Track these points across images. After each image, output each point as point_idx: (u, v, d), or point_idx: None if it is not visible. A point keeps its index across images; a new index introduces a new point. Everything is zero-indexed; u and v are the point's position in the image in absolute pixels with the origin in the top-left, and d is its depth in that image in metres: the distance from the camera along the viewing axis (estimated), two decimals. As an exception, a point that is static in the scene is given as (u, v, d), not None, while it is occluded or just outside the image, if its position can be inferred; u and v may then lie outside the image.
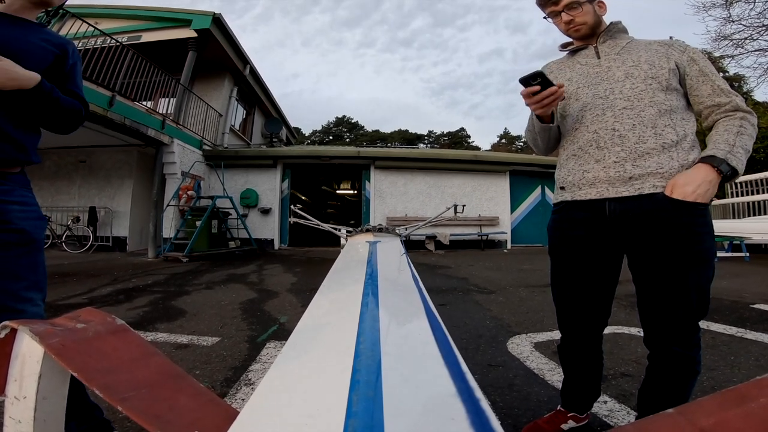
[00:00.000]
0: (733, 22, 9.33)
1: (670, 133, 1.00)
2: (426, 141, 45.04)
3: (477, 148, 37.25)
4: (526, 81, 1.01)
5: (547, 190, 10.12)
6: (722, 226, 6.94)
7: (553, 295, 1.26)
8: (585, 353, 1.23)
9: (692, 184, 0.93)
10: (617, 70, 1.07)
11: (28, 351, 0.49)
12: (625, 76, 1.05)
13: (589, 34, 1.16)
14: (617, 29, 1.16)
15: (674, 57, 1.04)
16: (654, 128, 1.00)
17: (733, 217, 8.26)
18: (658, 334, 1.04)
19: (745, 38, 9.46)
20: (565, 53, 1.27)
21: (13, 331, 0.51)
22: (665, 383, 1.06)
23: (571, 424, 1.27)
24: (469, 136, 45.97)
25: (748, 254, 6.65)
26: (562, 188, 1.17)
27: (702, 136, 1.01)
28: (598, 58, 1.13)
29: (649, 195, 0.98)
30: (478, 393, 0.37)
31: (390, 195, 9.48)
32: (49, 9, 1.12)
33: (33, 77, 0.94)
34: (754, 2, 8.94)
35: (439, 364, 0.44)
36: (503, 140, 44.80)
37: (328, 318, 0.65)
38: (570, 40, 1.25)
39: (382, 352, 0.43)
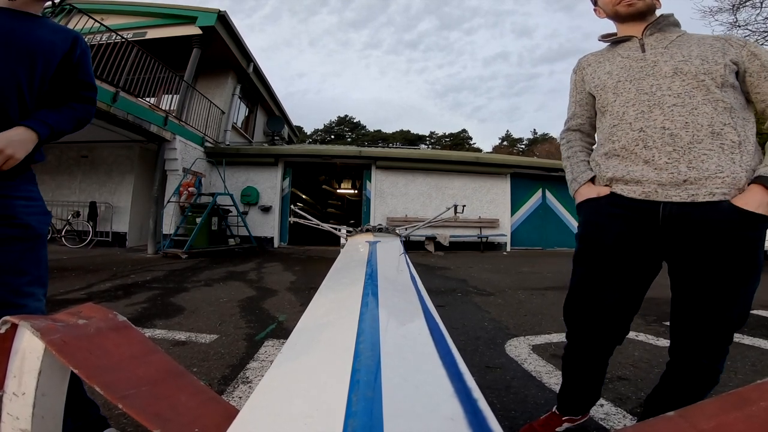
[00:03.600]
0: (740, 27, 9.32)
1: (730, 132, 0.89)
2: (427, 142, 45.02)
3: (478, 150, 37.26)
4: None
5: (548, 193, 10.13)
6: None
7: (574, 298, 1.12)
8: (594, 364, 1.13)
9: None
10: (665, 65, 0.96)
11: (29, 347, 0.49)
12: (674, 71, 0.95)
13: (642, 12, 1.04)
14: (668, 22, 1.04)
15: (732, 52, 0.94)
16: (711, 127, 0.89)
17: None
18: (691, 346, 0.96)
19: (751, 43, 9.44)
20: (605, 45, 1.16)
21: (14, 327, 0.51)
22: (684, 393, 1.01)
23: (566, 426, 1.27)
24: (470, 138, 45.96)
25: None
26: (606, 185, 1.06)
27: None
28: (643, 51, 1.02)
29: (713, 203, 0.88)
30: (477, 393, 0.37)
31: (391, 195, 9.48)
32: (55, 2, 1.12)
33: (27, 141, 0.94)
34: (761, 7, 8.94)
35: (437, 364, 0.44)
36: (505, 142, 44.80)
37: (328, 318, 0.65)
38: (610, 31, 1.15)
39: (382, 352, 0.44)
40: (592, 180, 1.10)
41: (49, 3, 1.11)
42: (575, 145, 1.20)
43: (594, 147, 1.16)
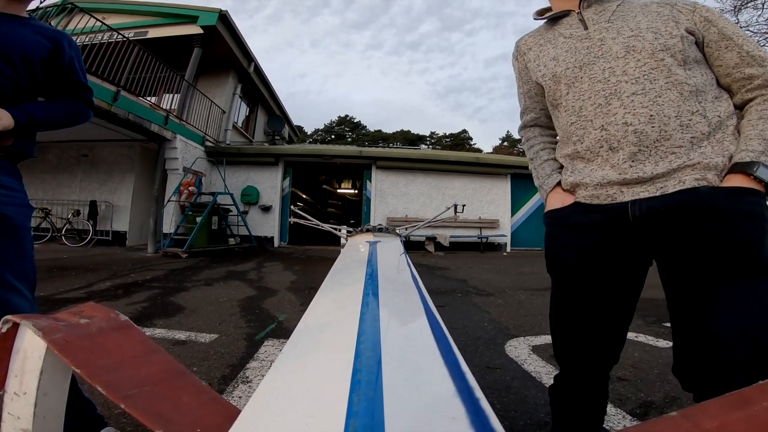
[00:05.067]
0: (741, 28, 9.34)
1: (699, 122, 0.77)
2: (428, 142, 45.01)
3: (479, 151, 37.27)
4: None
5: (548, 194, 10.12)
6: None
7: (555, 321, 0.97)
8: (590, 397, 0.95)
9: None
10: (613, 42, 0.83)
11: (30, 346, 0.49)
12: (626, 50, 0.82)
13: None
14: None
15: (683, 20, 0.81)
16: (679, 118, 0.77)
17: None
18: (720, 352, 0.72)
19: (753, 44, 9.48)
20: (541, 22, 1.02)
21: (15, 326, 0.51)
22: None
23: None
24: (471, 138, 45.97)
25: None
26: (566, 190, 0.94)
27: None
28: (585, 28, 0.89)
29: (687, 190, 0.75)
30: (478, 393, 0.37)
31: (391, 195, 9.48)
32: (39, 5, 1.14)
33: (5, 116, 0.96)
34: (763, 8, 8.95)
35: (439, 364, 0.44)
36: (505, 143, 44.76)
37: (329, 318, 0.65)
38: (547, 6, 1.01)
39: (383, 352, 0.44)
40: (561, 183, 0.96)
41: (34, 4, 1.12)
42: (536, 144, 1.06)
43: (557, 143, 1.03)
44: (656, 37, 0.80)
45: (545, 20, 1.00)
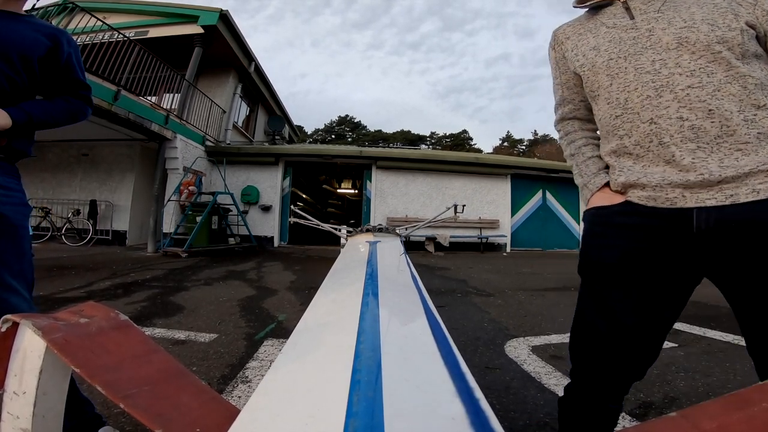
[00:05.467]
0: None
1: (767, 117, 0.71)
2: (428, 142, 45.00)
3: (479, 151, 37.27)
4: None
5: (548, 194, 10.13)
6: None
7: (580, 328, 0.88)
8: (605, 413, 0.88)
9: None
10: (663, 33, 0.77)
11: (30, 346, 0.49)
12: (678, 42, 0.75)
13: None
14: None
15: (743, 12, 0.74)
16: (742, 112, 0.70)
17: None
18: None
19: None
20: (583, 11, 0.96)
21: (15, 325, 0.51)
22: None
23: None
24: (471, 139, 45.97)
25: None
26: (615, 191, 0.86)
27: None
28: (632, 18, 0.83)
29: (763, 201, 0.68)
30: (478, 393, 0.37)
31: (391, 195, 9.49)
32: (35, 5, 1.13)
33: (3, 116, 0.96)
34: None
35: (439, 364, 0.44)
36: (505, 143, 44.78)
37: (329, 317, 0.65)
38: None
39: (383, 352, 0.44)
40: (608, 184, 0.88)
41: (31, 3, 1.12)
42: (577, 139, 0.98)
43: (599, 138, 0.96)
44: (712, 29, 0.73)
45: (586, 9, 0.94)
